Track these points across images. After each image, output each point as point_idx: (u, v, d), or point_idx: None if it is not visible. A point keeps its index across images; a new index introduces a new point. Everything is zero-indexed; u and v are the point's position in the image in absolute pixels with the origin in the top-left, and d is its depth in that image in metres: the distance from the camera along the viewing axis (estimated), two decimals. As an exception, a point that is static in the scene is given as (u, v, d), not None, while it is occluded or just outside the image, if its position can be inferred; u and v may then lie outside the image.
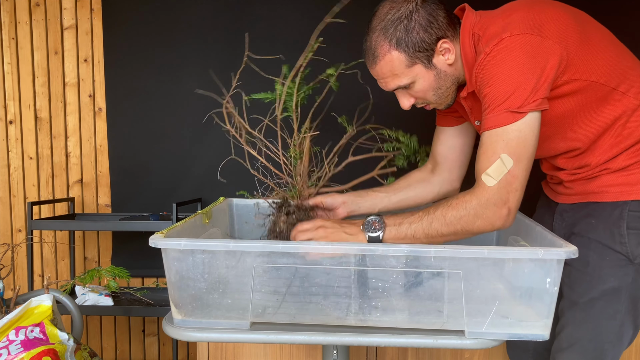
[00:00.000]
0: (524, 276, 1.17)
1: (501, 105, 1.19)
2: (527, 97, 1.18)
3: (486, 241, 1.62)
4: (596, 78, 1.27)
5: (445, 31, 1.29)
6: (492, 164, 1.19)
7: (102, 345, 2.76)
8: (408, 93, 1.36)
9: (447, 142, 1.57)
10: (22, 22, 2.67)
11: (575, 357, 1.34)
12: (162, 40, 2.62)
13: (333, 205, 1.52)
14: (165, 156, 2.66)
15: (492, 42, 1.22)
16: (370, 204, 1.54)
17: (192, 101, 2.58)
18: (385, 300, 1.21)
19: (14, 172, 2.72)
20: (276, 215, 1.48)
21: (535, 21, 1.23)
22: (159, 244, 1.18)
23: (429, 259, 1.17)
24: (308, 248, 1.20)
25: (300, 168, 1.52)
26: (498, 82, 1.20)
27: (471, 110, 1.41)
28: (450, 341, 1.20)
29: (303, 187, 1.52)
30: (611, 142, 1.32)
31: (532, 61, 1.19)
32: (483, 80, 1.23)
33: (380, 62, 1.30)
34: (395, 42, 1.27)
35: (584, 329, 1.33)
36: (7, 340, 1.56)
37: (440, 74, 1.32)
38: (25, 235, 2.68)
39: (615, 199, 1.33)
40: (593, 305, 1.33)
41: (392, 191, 1.57)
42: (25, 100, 2.70)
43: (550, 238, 1.26)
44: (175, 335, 1.24)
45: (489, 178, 1.19)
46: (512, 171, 1.18)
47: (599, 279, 1.32)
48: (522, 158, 1.19)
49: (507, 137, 1.19)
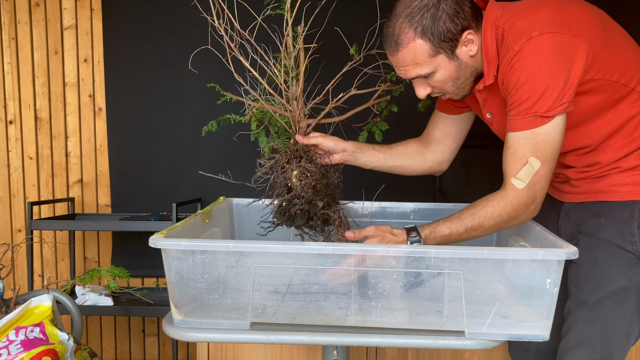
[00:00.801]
0: (524, 277, 1.17)
1: (530, 109, 1.21)
2: (555, 101, 1.20)
3: (486, 242, 1.62)
4: (617, 78, 1.27)
5: (470, 21, 1.28)
6: (521, 167, 1.24)
7: (102, 345, 2.76)
8: (426, 82, 1.34)
9: (443, 129, 1.58)
10: (22, 22, 2.67)
11: (584, 356, 1.34)
12: (162, 40, 2.62)
13: (333, 150, 1.48)
14: (165, 156, 2.66)
15: (521, 40, 1.22)
16: (366, 160, 1.54)
17: (192, 101, 2.58)
18: (386, 300, 1.21)
19: (14, 172, 2.72)
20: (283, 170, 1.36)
21: (563, 19, 1.23)
22: (159, 244, 1.18)
23: (429, 259, 1.17)
24: (308, 248, 1.20)
25: (296, 90, 1.39)
26: (527, 84, 1.21)
27: (484, 102, 1.40)
28: (450, 342, 1.20)
29: (300, 116, 1.41)
30: (623, 141, 1.32)
31: (562, 61, 1.20)
32: (511, 80, 1.23)
33: (403, 49, 1.28)
34: (421, 31, 1.25)
35: (592, 328, 1.33)
36: (7, 340, 1.56)
37: (461, 65, 1.31)
38: (25, 235, 2.68)
39: (625, 198, 1.33)
40: (602, 305, 1.32)
41: (390, 154, 1.57)
42: (25, 100, 2.70)
43: (550, 239, 1.26)
44: (175, 335, 1.24)
45: (519, 181, 1.25)
46: (539, 172, 1.24)
47: (608, 278, 1.32)
48: (549, 159, 1.24)
49: (535, 140, 1.22)
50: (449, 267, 1.17)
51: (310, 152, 1.42)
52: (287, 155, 1.40)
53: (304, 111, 1.42)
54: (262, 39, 1.43)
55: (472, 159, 2.51)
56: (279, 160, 1.41)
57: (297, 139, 1.45)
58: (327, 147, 1.46)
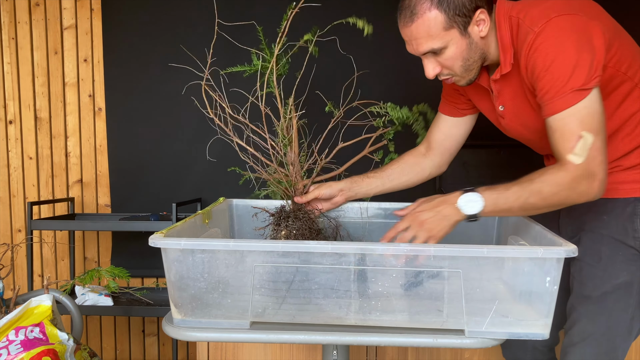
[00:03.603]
0: (524, 275, 1.17)
1: (565, 86, 1.20)
2: (588, 73, 1.20)
3: (486, 240, 1.62)
4: (625, 70, 1.29)
5: (483, 2, 1.29)
6: (574, 143, 1.21)
7: (102, 345, 2.76)
8: (436, 60, 1.34)
9: (445, 131, 1.60)
10: (21, 22, 2.67)
11: (589, 350, 1.35)
12: (162, 40, 2.62)
13: (332, 195, 1.56)
14: (165, 156, 2.66)
15: (540, 22, 1.23)
16: (366, 190, 1.59)
17: (192, 101, 2.57)
18: (385, 299, 1.21)
19: (13, 172, 2.72)
20: (276, 229, 1.48)
21: (578, 5, 1.26)
22: (159, 244, 1.18)
23: (429, 258, 1.17)
24: (307, 248, 1.20)
25: (291, 156, 1.50)
26: (555, 62, 1.21)
27: (498, 94, 1.41)
28: (450, 340, 1.20)
29: (297, 179, 1.51)
30: (625, 139, 1.34)
31: (584, 39, 1.21)
32: (537, 62, 1.24)
33: (418, 20, 1.28)
34: (437, 2, 1.26)
35: (597, 322, 1.35)
36: (7, 340, 1.56)
37: (472, 44, 1.31)
38: (25, 235, 2.68)
39: (627, 195, 1.35)
40: (606, 299, 1.34)
41: (386, 176, 1.60)
42: (25, 100, 2.70)
43: (550, 237, 1.26)
44: (175, 335, 1.24)
45: (576, 157, 1.21)
46: (594, 145, 1.20)
47: (612, 273, 1.34)
48: (599, 130, 1.22)
49: (580, 115, 1.21)
50: (449, 266, 1.17)
51: (299, 212, 1.50)
52: (276, 217, 1.51)
53: (300, 174, 1.52)
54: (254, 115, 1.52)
55: (472, 159, 2.52)
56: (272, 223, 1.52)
57: (296, 200, 1.53)
58: (325, 194, 1.54)
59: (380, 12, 2.03)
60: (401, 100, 1.66)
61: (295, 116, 1.48)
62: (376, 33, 1.44)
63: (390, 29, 1.49)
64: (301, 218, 1.49)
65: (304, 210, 1.52)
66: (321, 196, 1.55)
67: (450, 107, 1.58)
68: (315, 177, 1.56)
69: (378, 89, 1.67)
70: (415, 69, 1.52)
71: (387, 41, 2.21)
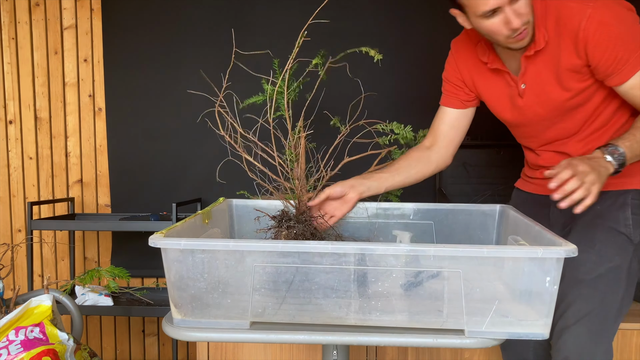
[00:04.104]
0: (524, 275, 1.17)
1: (637, 51, 1.33)
2: None
3: (486, 240, 1.63)
4: None
5: None
6: None
7: (102, 345, 2.76)
8: (513, 10, 1.34)
9: (449, 122, 1.64)
10: (22, 22, 2.67)
11: (583, 330, 1.38)
12: (162, 40, 2.62)
13: (343, 193, 1.51)
14: (165, 156, 2.66)
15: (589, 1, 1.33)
16: (377, 184, 1.57)
17: (192, 101, 2.57)
18: (385, 299, 1.21)
19: (13, 172, 2.72)
20: (277, 230, 1.48)
21: None
22: (159, 244, 1.18)
23: (429, 258, 1.17)
24: (307, 248, 1.20)
25: (298, 171, 1.52)
26: (620, 38, 1.33)
27: (525, 70, 1.45)
28: (450, 340, 1.20)
29: (302, 192, 1.52)
30: (615, 134, 1.42)
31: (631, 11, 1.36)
32: (602, 36, 1.33)
33: None
34: None
35: (591, 304, 1.39)
36: (7, 340, 1.56)
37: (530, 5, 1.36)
38: (25, 235, 2.69)
39: (618, 187, 1.46)
40: (600, 281, 1.39)
41: (395, 171, 1.60)
42: (25, 100, 2.70)
43: (549, 237, 1.26)
44: (175, 335, 1.24)
45: None
46: None
47: (605, 257, 1.41)
48: None
49: None
50: (448, 266, 1.17)
51: (302, 216, 1.50)
52: (278, 219, 1.50)
53: (305, 188, 1.53)
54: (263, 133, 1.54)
55: (472, 159, 2.52)
56: (274, 225, 1.51)
57: (309, 204, 1.50)
58: (336, 192, 1.50)
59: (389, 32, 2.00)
60: (406, 121, 1.68)
61: (303, 135, 1.51)
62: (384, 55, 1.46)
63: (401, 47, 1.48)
64: (303, 221, 1.49)
65: (307, 215, 1.51)
66: (333, 194, 1.50)
67: (453, 99, 1.63)
68: (320, 189, 1.54)
69: (385, 111, 1.69)
70: (422, 89, 1.55)
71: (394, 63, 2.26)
